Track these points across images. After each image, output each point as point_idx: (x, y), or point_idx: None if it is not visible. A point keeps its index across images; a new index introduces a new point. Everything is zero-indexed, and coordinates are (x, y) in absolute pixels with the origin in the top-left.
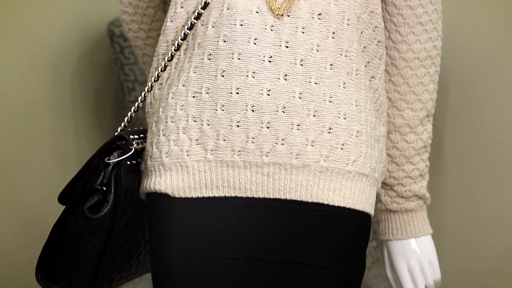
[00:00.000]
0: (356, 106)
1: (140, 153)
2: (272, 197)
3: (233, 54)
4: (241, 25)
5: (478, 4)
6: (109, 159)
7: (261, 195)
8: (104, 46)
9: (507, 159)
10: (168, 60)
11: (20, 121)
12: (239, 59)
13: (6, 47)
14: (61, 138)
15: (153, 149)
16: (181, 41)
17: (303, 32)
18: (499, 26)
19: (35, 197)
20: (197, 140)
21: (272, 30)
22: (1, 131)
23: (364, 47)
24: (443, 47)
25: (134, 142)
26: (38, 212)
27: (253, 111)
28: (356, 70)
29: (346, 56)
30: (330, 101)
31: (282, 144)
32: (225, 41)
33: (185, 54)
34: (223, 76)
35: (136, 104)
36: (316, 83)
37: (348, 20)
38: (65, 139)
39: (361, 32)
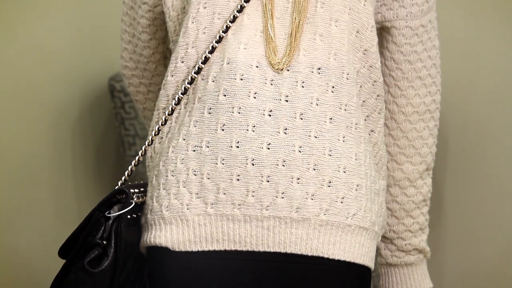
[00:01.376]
0: (355, 159)
1: (140, 207)
2: (272, 250)
3: (233, 108)
4: (241, 79)
5: (473, 63)
6: (109, 213)
7: (261, 249)
8: (105, 100)
9: (507, 212)
10: (168, 114)
11: (21, 174)
12: (239, 113)
13: (8, 100)
14: (62, 192)
15: (153, 203)
16: (182, 95)
17: (302, 86)
18: (498, 87)
19: (35, 251)
20: (197, 193)
21: (272, 84)
22: (1, 184)
23: (364, 101)
24: (442, 101)
25: (134, 196)
26: (38, 266)
27: (253, 164)
28: (356, 124)
29: (345, 110)
30: (330, 155)
31: (282, 197)
32: (225, 95)
33: (185, 108)
34: (223, 130)
35: (137, 157)
36: (315, 137)
37: (348, 74)
38: (65, 193)
39: (361, 86)
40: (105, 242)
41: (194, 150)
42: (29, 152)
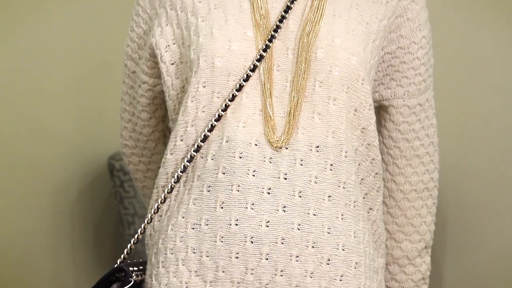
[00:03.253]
0: (354, 237)
1: (139, 285)
2: None
3: (232, 186)
4: (240, 157)
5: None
6: None
7: None
8: (104, 179)
9: None
10: (167, 192)
11: (19, 251)
12: (238, 191)
13: (10, 176)
14: (61, 270)
15: (152, 281)
16: (181, 173)
17: (301, 164)
18: (496, 167)
19: None
20: (196, 271)
21: (270, 162)
22: (0, 261)
23: (362, 179)
24: (441, 180)
25: (133, 274)
26: None
27: (252, 242)
28: (354, 202)
29: (344, 188)
30: (329, 233)
31: (281, 275)
32: (224, 173)
33: (184, 186)
34: (222, 208)
35: (136, 236)
36: (314, 215)
37: (346, 152)
38: (64, 271)
39: (359, 164)
40: None
41: (193, 228)
42: (28, 229)
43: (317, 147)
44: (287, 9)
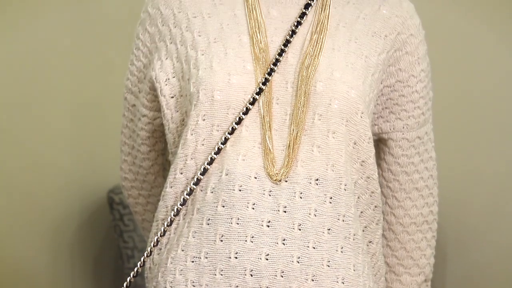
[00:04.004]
0: (354, 270)
1: None
2: None
3: (231, 219)
4: (240, 190)
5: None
6: None
7: None
8: (104, 213)
9: None
10: (167, 225)
11: (19, 284)
12: (238, 224)
13: (7, 213)
14: None
15: None
16: (180, 207)
17: (300, 197)
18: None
19: None
20: None
21: (270, 195)
22: None
23: (361, 212)
24: (441, 213)
25: None
26: None
27: (251, 275)
28: (354, 235)
29: (343, 221)
30: (328, 266)
31: None
32: (224, 206)
33: (184, 219)
34: (222, 241)
35: (135, 269)
36: (314, 248)
37: (345, 185)
38: None
39: (358, 197)
40: None
41: (192, 261)
42: (28, 262)
43: (317, 180)
44: (287, 42)
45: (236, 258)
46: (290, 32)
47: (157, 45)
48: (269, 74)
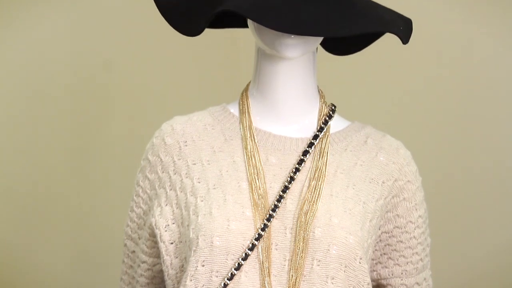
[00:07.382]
0: None
1: None
2: None
3: None
4: None
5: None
6: None
7: None
8: None
9: None
10: None
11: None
12: None
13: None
14: None
15: None
16: None
17: None
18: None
19: None
20: None
21: None
22: None
23: None
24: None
25: None
26: None
27: None
28: None
29: None
30: None
31: None
32: None
33: None
34: None
35: None
36: None
37: None
38: None
39: None
40: None
41: None
42: None
43: None
44: (285, 189)
45: None
46: (289, 179)
47: (157, 192)
48: (268, 220)
